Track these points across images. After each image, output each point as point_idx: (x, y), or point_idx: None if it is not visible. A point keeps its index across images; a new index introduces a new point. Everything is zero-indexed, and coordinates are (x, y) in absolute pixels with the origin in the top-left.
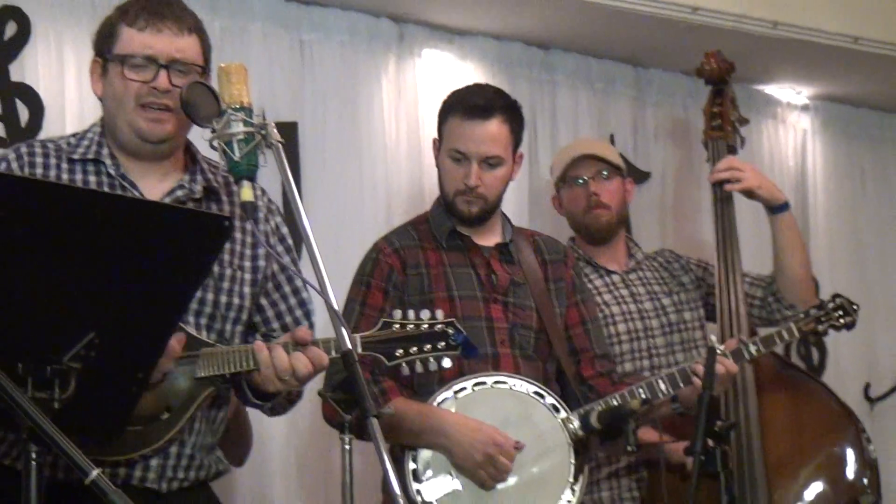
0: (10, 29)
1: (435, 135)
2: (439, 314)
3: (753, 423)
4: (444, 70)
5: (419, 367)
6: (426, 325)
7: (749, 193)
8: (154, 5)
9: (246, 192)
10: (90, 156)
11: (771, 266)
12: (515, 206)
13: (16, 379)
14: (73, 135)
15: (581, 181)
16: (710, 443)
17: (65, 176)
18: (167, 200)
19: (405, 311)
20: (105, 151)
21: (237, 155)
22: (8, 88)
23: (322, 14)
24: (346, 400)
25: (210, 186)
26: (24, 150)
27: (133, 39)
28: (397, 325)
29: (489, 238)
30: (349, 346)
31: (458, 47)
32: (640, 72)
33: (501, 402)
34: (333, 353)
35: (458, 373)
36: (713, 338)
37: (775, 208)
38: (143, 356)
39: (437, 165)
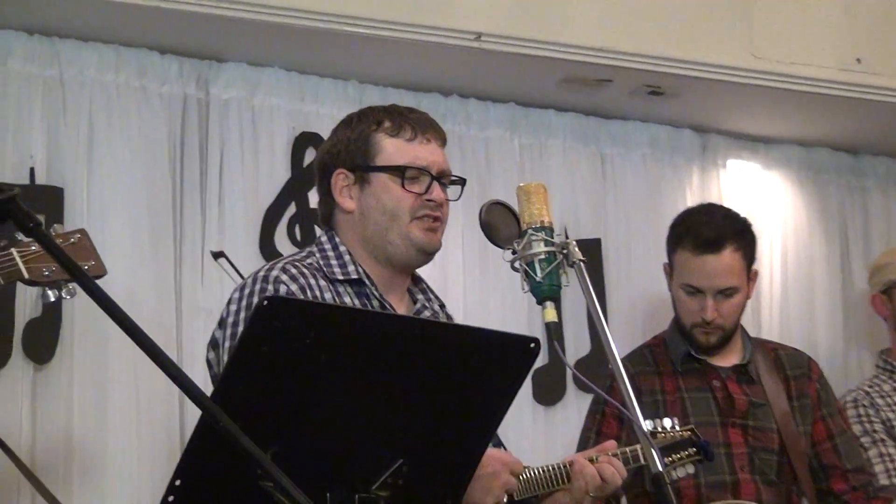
0: (310, 155)
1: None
2: (672, 421)
3: None
4: (750, 180)
5: (674, 475)
6: (679, 433)
7: None
8: (416, 115)
9: (549, 314)
10: (353, 276)
11: None
12: (828, 315)
13: None
14: (310, 253)
15: None
16: None
17: (338, 299)
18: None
19: (653, 420)
20: (361, 270)
21: (539, 276)
22: (307, 214)
23: (622, 127)
24: None
25: (442, 304)
26: (293, 270)
27: (403, 150)
28: (661, 434)
29: (727, 358)
30: (660, 468)
31: (763, 156)
32: None
33: None
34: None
35: (696, 498)
36: None
37: None
38: (451, 483)
39: (670, 290)
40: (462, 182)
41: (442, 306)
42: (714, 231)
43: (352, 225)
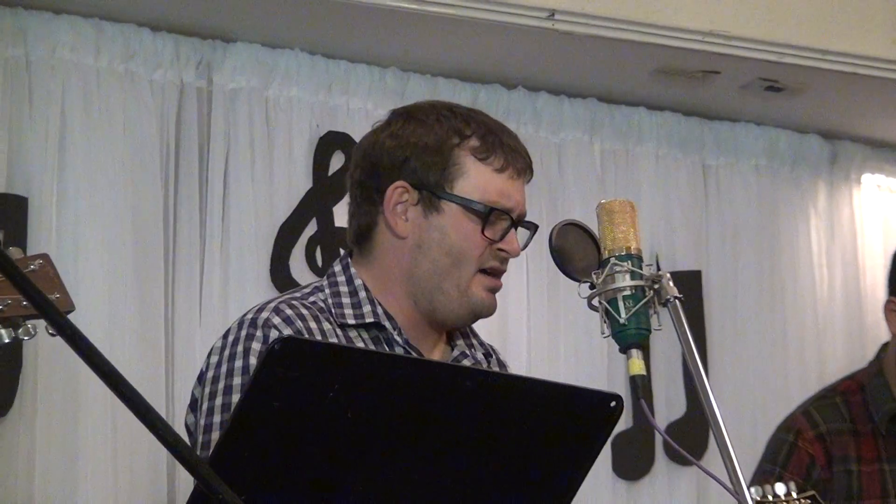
0: (336, 159)
1: (887, 292)
2: (786, 486)
3: None
4: (890, 198)
5: None
6: (796, 501)
7: None
8: (508, 137)
9: (635, 364)
10: (369, 319)
11: None
12: None
13: None
14: (316, 289)
15: None
16: None
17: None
18: None
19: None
20: (381, 311)
21: (623, 316)
22: (331, 233)
23: (731, 131)
24: None
25: (488, 352)
26: (288, 312)
27: (491, 183)
28: None
29: None
30: None
31: None
32: None
33: None
34: None
35: None
36: None
37: None
38: None
39: None
40: (534, 228)
41: (489, 354)
42: None
43: (397, 253)
